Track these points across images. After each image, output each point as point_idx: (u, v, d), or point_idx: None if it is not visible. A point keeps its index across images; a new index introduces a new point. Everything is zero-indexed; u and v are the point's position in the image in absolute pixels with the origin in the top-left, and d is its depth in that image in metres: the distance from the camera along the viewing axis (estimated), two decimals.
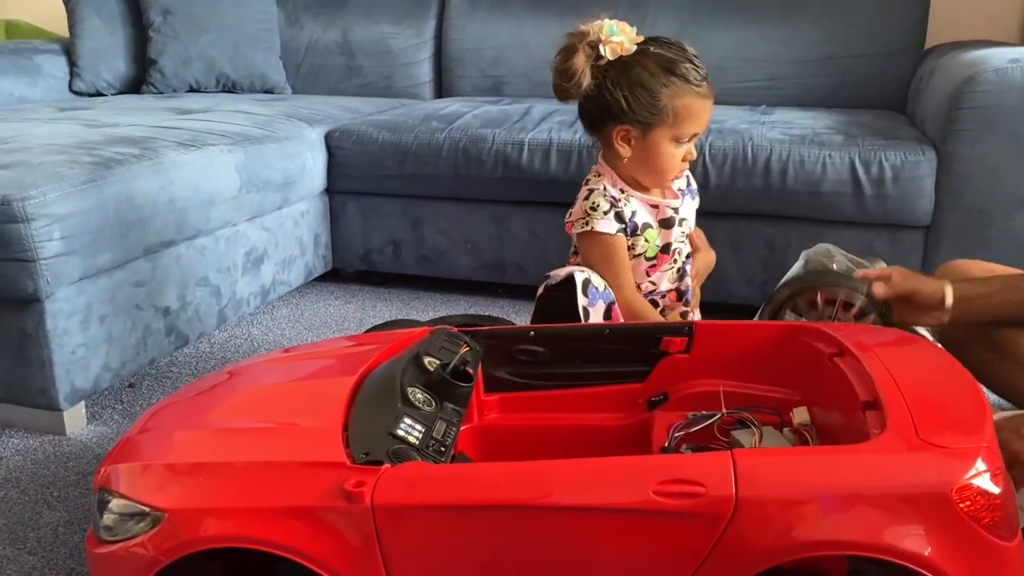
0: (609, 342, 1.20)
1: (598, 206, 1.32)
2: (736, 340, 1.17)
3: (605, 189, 1.33)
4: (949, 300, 1.21)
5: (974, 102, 1.64)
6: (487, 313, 2.00)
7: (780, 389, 1.16)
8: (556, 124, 1.99)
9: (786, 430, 1.11)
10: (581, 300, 1.27)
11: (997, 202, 1.68)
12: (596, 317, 1.28)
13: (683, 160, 1.31)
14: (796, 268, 1.50)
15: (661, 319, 1.38)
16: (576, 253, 1.42)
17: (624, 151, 1.30)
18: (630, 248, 1.35)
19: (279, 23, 2.74)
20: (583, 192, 1.36)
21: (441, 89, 2.71)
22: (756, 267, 1.88)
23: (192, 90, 2.64)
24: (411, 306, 2.08)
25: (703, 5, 2.40)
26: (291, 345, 1.83)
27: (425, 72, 2.69)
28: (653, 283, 1.38)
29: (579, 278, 1.27)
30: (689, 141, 1.30)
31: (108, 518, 0.90)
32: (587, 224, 1.32)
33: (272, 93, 2.66)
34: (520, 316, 1.99)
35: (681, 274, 1.42)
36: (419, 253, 2.11)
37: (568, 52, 1.25)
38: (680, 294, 1.43)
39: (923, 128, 1.88)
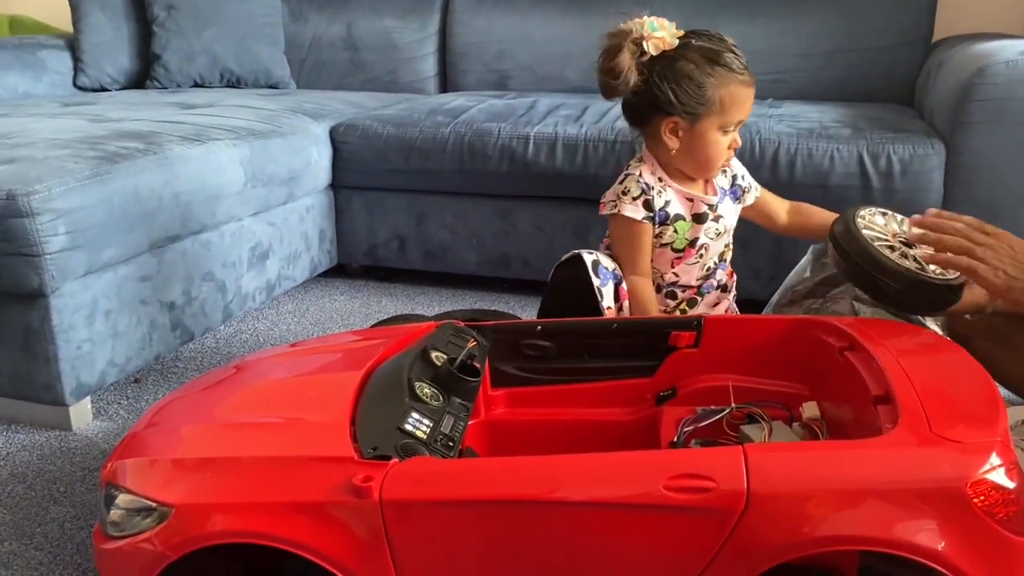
0: (617, 337, 1.20)
1: (628, 191, 1.34)
2: (745, 334, 1.17)
3: (640, 175, 1.35)
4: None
5: (983, 95, 1.63)
6: (493, 308, 1.99)
7: (789, 383, 1.15)
8: (562, 118, 1.98)
9: (796, 425, 1.10)
10: (594, 280, 1.29)
11: (1006, 196, 1.67)
12: (608, 295, 1.31)
13: (729, 148, 1.33)
14: (803, 263, 1.49)
15: (659, 314, 1.37)
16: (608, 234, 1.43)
17: (673, 143, 1.32)
18: (658, 236, 1.36)
19: (283, 18, 2.73)
20: (622, 175, 1.37)
21: (446, 84, 2.70)
22: (763, 261, 1.87)
23: (196, 85, 2.63)
24: (416, 301, 2.07)
25: None
26: (296, 340, 1.83)
27: (430, 67, 2.68)
28: (676, 275, 1.39)
29: (588, 259, 1.30)
30: (734, 129, 1.32)
31: (115, 513, 0.90)
32: (615, 207, 1.34)
33: (276, 88, 2.65)
34: (526, 311, 1.99)
35: (708, 273, 1.41)
36: (424, 248, 2.11)
37: (613, 51, 1.27)
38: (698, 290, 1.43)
39: (931, 121, 1.87)
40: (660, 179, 1.35)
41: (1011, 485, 0.78)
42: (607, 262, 1.33)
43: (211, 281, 1.71)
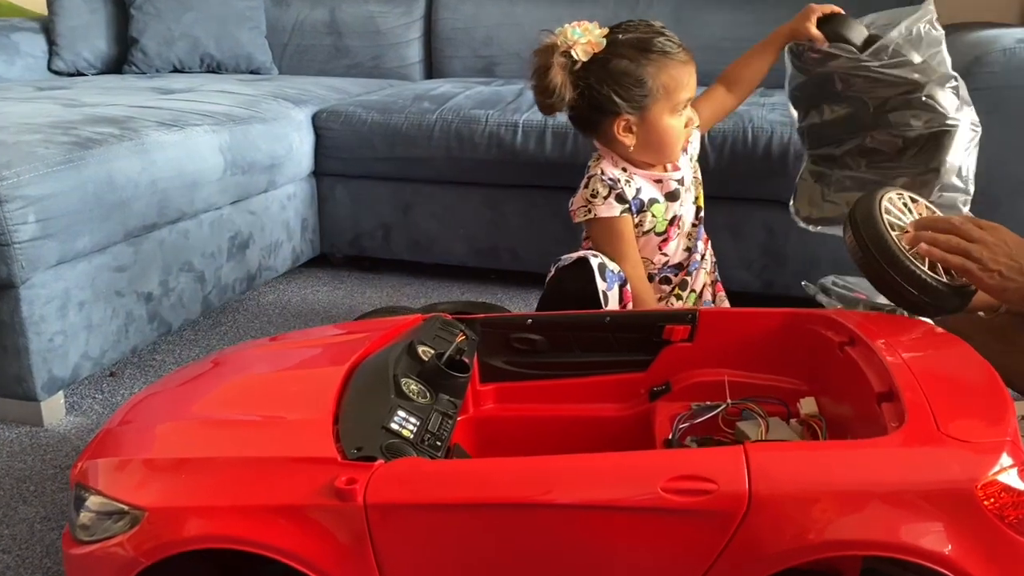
0: (610, 330, 1.16)
1: (597, 192, 1.32)
2: (741, 328, 1.14)
3: (603, 173, 1.32)
4: None
5: (981, 83, 1.60)
6: (481, 300, 1.95)
7: (786, 379, 1.12)
8: None
9: (793, 421, 1.07)
10: (600, 285, 1.26)
11: (1003, 185, 1.64)
12: (613, 300, 1.28)
13: (686, 126, 1.32)
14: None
15: (658, 306, 1.35)
16: (588, 238, 1.41)
17: (629, 140, 1.31)
18: (638, 225, 1.34)
19: (265, 2, 2.68)
20: (584, 180, 1.35)
21: (432, 70, 2.66)
22: (755, 252, 1.84)
23: (175, 70, 2.57)
24: (402, 292, 2.03)
25: None
26: (277, 332, 1.78)
27: (415, 52, 2.63)
28: (666, 255, 1.38)
29: (594, 262, 1.27)
30: (685, 107, 1.31)
31: (85, 516, 0.85)
32: (589, 212, 1.33)
33: (258, 74, 2.60)
34: (514, 303, 1.95)
35: (691, 244, 1.41)
36: (410, 238, 2.06)
37: (543, 69, 1.26)
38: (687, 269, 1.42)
39: None
40: (624, 169, 1.34)
41: (1022, 487, 0.75)
42: (612, 265, 1.29)
43: (189, 271, 1.66)
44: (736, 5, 2.31)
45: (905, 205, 1.14)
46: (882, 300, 1.49)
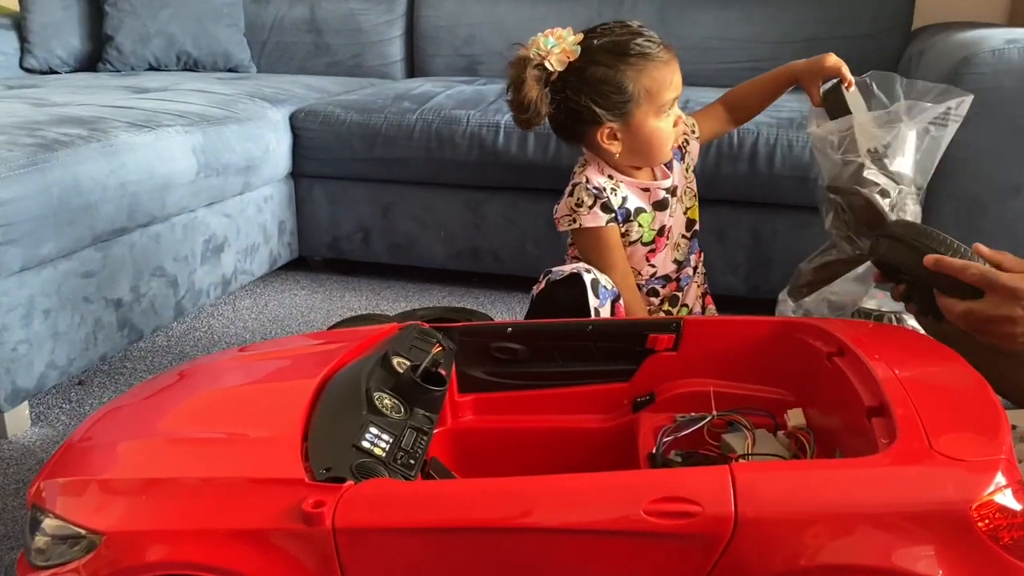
0: (592, 339, 1.13)
1: (582, 202, 1.28)
2: (727, 337, 1.10)
3: (588, 182, 1.28)
4: None
5: (969, 84, 1.57)
6: (461, 304, 1.92)
7: (773, 389, 1.09)
8: None
9: (780, 433, 1.04)
10: (593, 302, 1.20)
11: (992, 189, 1.62)
12: (605, 315, 1.23)
13: (675, 126, 1.27)
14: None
15: (646, 316, 1.31)
16: (572, 244, 1.38)
17: (614, 147, 1.26)
18: (625, 235, 1.30)
19: None
20: (568, 187, 1.31)
21: (413, 68, 2.62)
22: (741, 256, 1.82)
23: (151, 68, 2.52)
24: (381, 296, 1.99)
25: None
26: (253, 338, 1.74)
27: (396, 51, 2.59)
28: (654, 266, 1.34)
29: (587, 278, 1.21)
30: (671, 106, 1.26)
31: (40, 540, 0.81)
32: (574, 221, 1.29)
33: (236, 72, 2.56)
34: (496, 306, 1.91)
35: (683, 258, 1.37)
36: (390, 240, 2.02)
37: (518, 84, 1.21)
38: (677, 282, 1.38)
39: None
40: (610, 176, 1.29)
41: (1017, 507, 0.72)
42: (604, 280, 1.23)
43: (161, 276, 1.62)
44: (722, 5, 2.29)
45: None
46: (870, 305, 1.47)
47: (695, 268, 1.41)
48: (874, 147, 1.24)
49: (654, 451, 0.99)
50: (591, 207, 1.27)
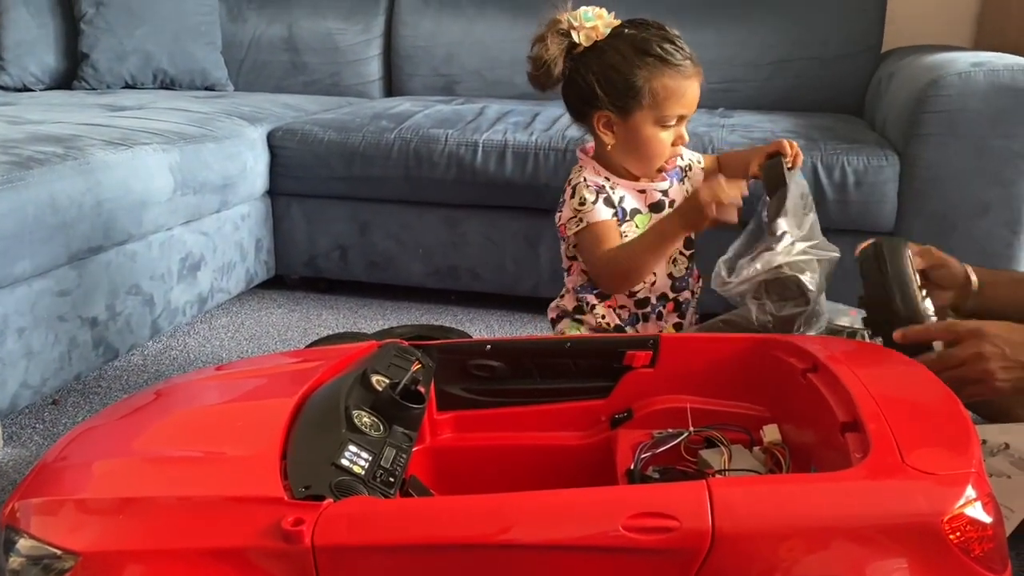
0: (570, 356, 1.14)
1: (585, 200, 1.27)
2: (703, 354, 1.11)
3: (585, 180, 1.28)
4: (975, 280, 1.15)
5: (937, 106, 1.61)
6: (440, 322, 1.92)
7: (749, 405, 1.10)
8: (511, 125, 1.91)
9: (756, 449, 1.05)
10: None
11: (960, 208, 1.65)
12: None
13: (674, 145, 1.27)
14: None
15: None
16: (574, 258, 1.35)
17: (607, 138, 1.26)
18: (622, 237, 1.30)
19: (220, 16, 2.63)
20: (567, 192, 1.31)
21: (391, 88, 2.62)
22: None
23: (128, 86, 2.51)
24: (359, 314, 1.99)
25: (659, 7, 2.33)
26: (230, 357, 1.73)
27: (374, 70, 2.60)
28: (653, 275, 1.32)
29: None
30: (677, 124, 1.25)
31: (15, 561, 0.80)
32: (581, 221, 1.26)
33: (213, 90, 2.55)
34: (474, 324, 1.92)
35: (683, 277, 1.36)
36: (368, 259, 2.02)
37: (540, 40, 1.23)
38: (677, 304, 1.37)
39: (884, 132, 1.86)
40: (607, 178, 1.30)
41: (988, 520, 0.73)
42: None
43: (137, 295, 1.61)
44: (696, 26, 2.28)
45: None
46: (843, 322, 1.49)
47: (694, 293, 1.39)
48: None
49: (632, 467, 1.00)
50: (594, 203, 1.26)
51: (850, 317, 1.50)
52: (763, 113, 2.11)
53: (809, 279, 1.16)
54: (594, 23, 1.22)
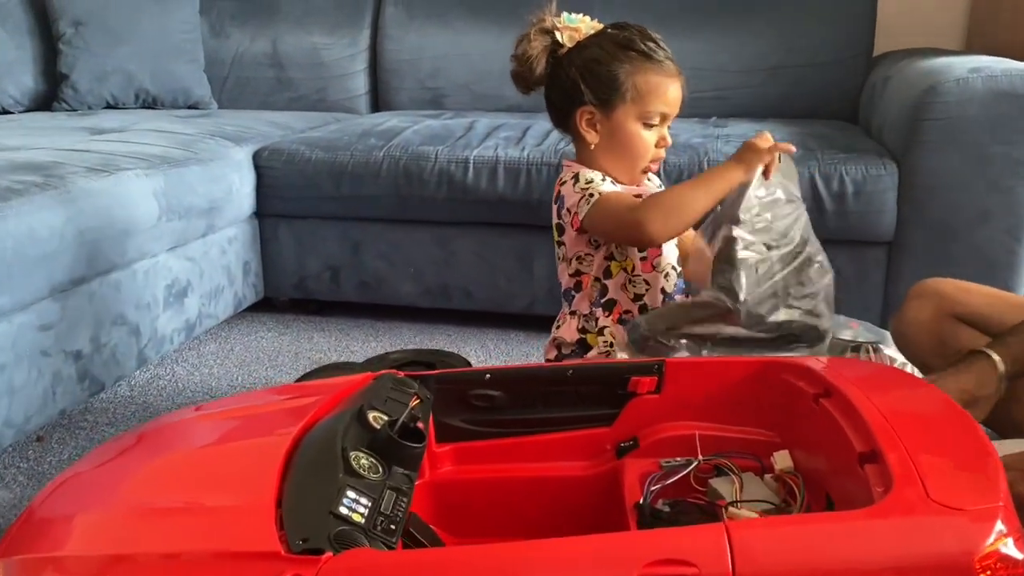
0: (572, 383, 1.10)
1: (592, 179, 1.24)
2: (710, 378, 1.08)
3: (584, 169, 1.26)
4: (1002, 367, 1.08)
5: (935, 113, 1.59)
6: (433, 343, 1.88)
7: (758, 431, 1.06)
8: (502, 140, 1.88)
9: (768, 477, 1.02)
10: None
11: (960, 216, 1.63)
12: None
13: (657, 147, 1.25)
14: None
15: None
16: (577, 273, 1.30)
17: (591, 136, 1.25)
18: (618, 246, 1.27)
19: (203, 33, 2.59)
20: (567, 184, 1.26)
21: (378, 102, 2.59)
22: None
23: (109, 106, 2.46)
24: (350, 336, 1.95)
25: (649, 15, 2.27)
26: (219, 384, 1.68)
27: (360, 84, 2.56)
28: (648, 283, 1.28)
29: None
30: (661, 124, 1.24)
31: None
32: (592, 196, 1.22)
33: (196, 108, 2.51)
34: (468, 344, 1.88)
35: (671, 299, 1.32)
36: (358, 279, 1.98)
37: (524, 38, 1.23)
38: None
39: (881, 139, 1.83)
40: (603, 179, 1.27)
41: (1019, 556, 0.70)
42: None
43: (123, 325, 1.56)
44: (688, 34, 2.27)
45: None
46: (845, 335, 1.46)
47: None
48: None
49: (641, 501, 0.96)
50: (603, 180, 1.24)
51: (852, 330, 1.47)
52: (757, 122, 2.08)
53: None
54: (577, 25, 1.23)
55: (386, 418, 0.95)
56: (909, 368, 1.29)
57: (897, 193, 1.65)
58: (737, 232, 1.14)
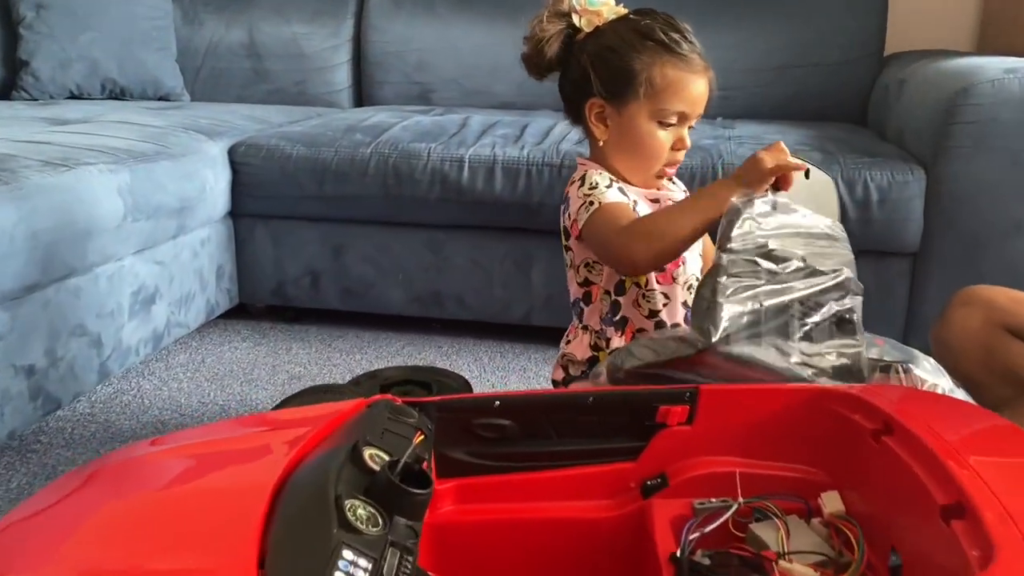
0: (593, 412, 0.97)
1: (597, 183, 1.12)
2: (749, 408, 0.96)
3: (600, 172, 1.14)
4: None
5: (967, 116, 1.49)
6: (422, 356, 1.75)
7: (804, 468, 0.95)
8: (500, 138, 1.75)
9: (815, 521, 0.90)
10: None
11: (992, 226, 1.53)
12: None
13: (674, 149, 1.13)
14: None
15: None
16: (587, 283, 1.18)
17: (600, 132, 1.14)
18: None
19: (175, 20, 2.46)
20: (574, 185, 1.15)
21: (361, 97, 2.47)
22: None
23: (73, 96, 2.31)
24: (332, 347, 1.81)
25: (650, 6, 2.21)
26: (189, 400, 1.54)
27: (343, 77, 2.43)
28: (667, 296, 1.16)
29: None
30: (679, 124, 1.12)
31: None
32: (593, 204, 1.09)
33: (167, 100, 2.37)
34: (461, 356, 1.75)
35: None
36: (342, 285, 1.85)
37: (537, 18, 1.13)
38: None
39: (902, 144, 1.73)
40: (615, 181, 1.15)
41: None
42: None
43: (82, 336, 1.41)
44: (694, 32, 2.17)
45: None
46: (872, 354, 1.35)
47: None
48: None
49: (679, 554, 0.84)
50: (607, 187, 1.11)
51: (878, 347, 1.36)
52: (766, 123, 1.98)
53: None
54: (598, 8, 1.12)
55: (386, 457, 0.81)
56: (940, 390, 1.19)
57: (924, 201, 1.55)
58: (725, 259, 0.99)
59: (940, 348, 1.26)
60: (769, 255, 1.00)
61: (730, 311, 0.99)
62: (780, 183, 1.04)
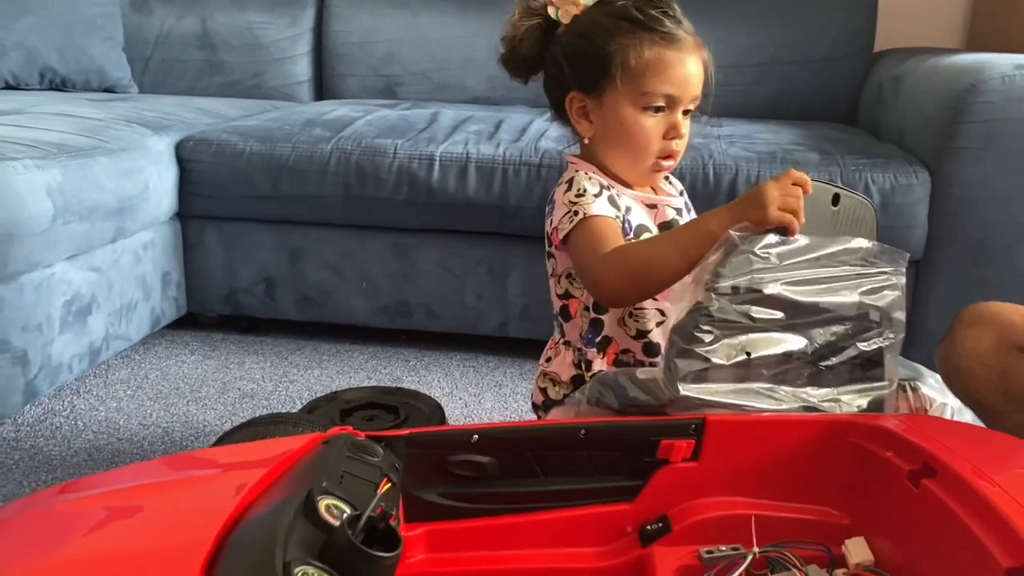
0: (585, 447, 0.86)
1: (585, 190, 1.01)
2: (762, 442, 0.85)
3: (589, 176, 1.03)
4: None
5: (976, 115, 1.40)
6: (388, 374, 1.61)
7: (824, 510, 0.84)
8: (473, 135, 1.63)
9: (839, 573, 0.79)
10: None
11: (1001, 232, 1.44)
12: None
13: (667, 138, 1.02)
14: None
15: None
16: (567, 295, 1.08)
17: (584, 129, 1.05)
18: None
19: (122, 7, 2.32)
20: (560, 189, 1.04)
21: (322, 91, 2.35)
22: None
23: (8, 87, 2.16)
24: (289, 360, 1.67)
25: None
26: (129, 421, 1.39)
27: (303, 70, 2.31)
28: (662, 312, 1.04)
29: None
30: (669, 110, 1.01)
31: None
32: (577, 215, 0.99)
33: (113, 92, 2.23)
34: (431, 372, 1.62)
35: None
36: (299, 293, 1.71)
37: (512, 15, 1.06)
38: None
39: (901, 144, 1.63)
40: (609, 185, 1.04)
41: None
42: None
43: (5, 352, 1.27)
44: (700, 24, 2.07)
45: None
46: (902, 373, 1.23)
47: None
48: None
49: None
50: (596, 195, 1.00)
51: None
52: (754, 122, 1.88)
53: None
54: None
55: (346, 510, 0.68)
56: (948, 412, 1.10)
57: (928, 206, 1.45)
58: (709, 300, 0.86)
59: (948, 371, 1.16)
60: (765, 300, 0.87)
61: (698, 366, 0.86)
62: (785, 229, 0.88)
